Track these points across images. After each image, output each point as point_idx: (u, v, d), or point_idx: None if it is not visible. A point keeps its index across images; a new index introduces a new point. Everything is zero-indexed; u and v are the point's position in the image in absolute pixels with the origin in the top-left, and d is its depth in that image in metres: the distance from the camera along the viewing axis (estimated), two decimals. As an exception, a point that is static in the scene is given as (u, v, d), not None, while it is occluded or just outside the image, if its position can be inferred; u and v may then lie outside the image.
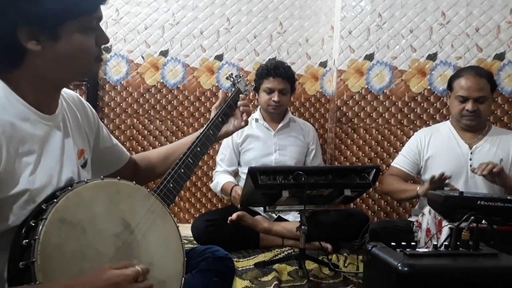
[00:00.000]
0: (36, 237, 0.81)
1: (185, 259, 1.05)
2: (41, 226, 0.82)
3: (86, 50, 0.96)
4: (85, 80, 2.78)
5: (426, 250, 1.03)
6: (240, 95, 1.48)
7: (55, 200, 0.86)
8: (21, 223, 0.86)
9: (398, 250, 1.03)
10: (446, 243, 1.08)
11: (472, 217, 1.07)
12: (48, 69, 0.93)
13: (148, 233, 0.99)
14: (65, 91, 1.08)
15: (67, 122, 1.05)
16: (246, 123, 1.43)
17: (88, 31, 0.95)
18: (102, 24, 2.80)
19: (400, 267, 0.91)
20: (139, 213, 1.00)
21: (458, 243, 1.07)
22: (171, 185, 1.12)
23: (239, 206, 2.27)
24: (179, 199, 2.93)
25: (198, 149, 1.26)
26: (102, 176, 0.99)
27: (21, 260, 0.81)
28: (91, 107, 1.22)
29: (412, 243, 1.05)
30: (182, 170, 1.18)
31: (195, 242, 2.35)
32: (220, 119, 1.40)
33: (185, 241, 2.41)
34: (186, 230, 2.46)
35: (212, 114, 1.43)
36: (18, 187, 0.86)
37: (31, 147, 0.91)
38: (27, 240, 0.82)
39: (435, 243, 1.10)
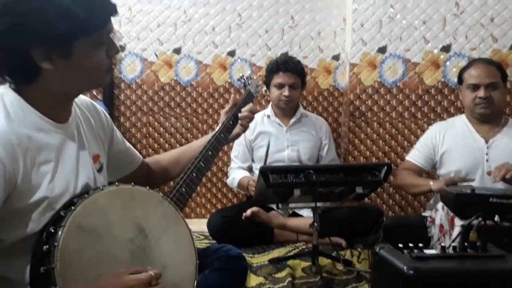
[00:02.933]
0: (56, 243, 0.85)
1: (198, 261, 1.09)
2: (60, 233, 0.86)
3: (98, 64, 0.98)
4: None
5: (433, 252, 1.04)
6: (250, 102, 1.50)
7: (72, 207, 0.90)
8: (41, 229, 0.91)
9: (405, 251, 1.05)
10: (454, 244, 1.09)
11: (480, 218, 1.07)
12: (62, 84, 0.96)
13: (161, 237, 1.03)
14: (78, 97, 1.10)
15: (81, 129, 1.08)
16: (246, 128, 1.46)
17: (99, 46, 0.97)
18: (115, 23, 2.83)
19: (406, 270, 0.93)
20: (153, 218, 1.03)
21: (465, 243, 1.08)
22: (184, 189, 1.15)
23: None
24: (195, 195, 2.98)
25: (210, 152, 1.29)
26: (117, 183, 1.03)
27: (42, 265, 0.85)
28: (104, 111, 1.25)
29: (420, 244, 1.06)
30: (194, 174, 1.21)
31: (211, 237, 2.41)
32: (231, 122, 1.43)
33: (201, 237, 2.48)
34: (202, 225, 2.52)
35: (222, 118, 1.46)
36: (37, 195, 0.90)
37: (47, 156, 0.95)
38: (47, 246, 0.86)
39: (443, 244, 1.11)
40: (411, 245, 1.07)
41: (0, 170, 0.84)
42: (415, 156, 2.33)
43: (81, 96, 1.14)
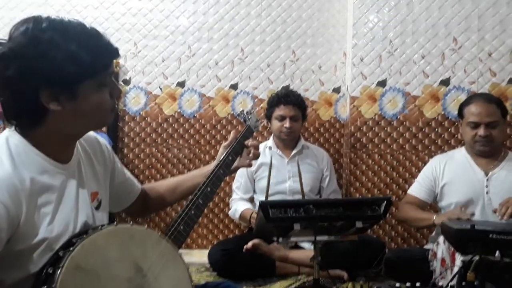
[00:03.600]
0: (53, 285, 0.86)
1: (195, 300, 1.09)
2: (58, 274, 0.87)
3: (102, 105, 1.02)
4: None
5: (430, 292, 1.04)
6: (249, 138, 1.52)
7: (70, 248, 0.92)
8: (40, 270, 0.92)
9: (403, 292, 1.05)
10: (452, 283, 1.09)
11: (478, 257, 1.07)
12: (68, 125, 0.99)
13: (159, 276, 1.04)
14: None
15: (81, 166, 1.10)
16: (250, 165, 1.48)
17: (103, 87, 1.01)
18: (121, 58, 2.92)
19: (401, 312, 0.93)
20: (151, 257, 1.04)
21: (463, 283, 1.07)
22: (182, 227, 1.16)
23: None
24: (197, 225, 2.99)
25: (209, 189, 1.30)
26: (115, 223, 1.05)
27: (40, 306, 0.87)
28: (106, 144, 1.27)
29: (417, 284, 1.06)
30: (193, 212, 1.22)
31: (211, 269, 2.39)
32: (230, 158, 1.44)
33: (203, 269, 2.47)
34: (203, 256, 2.51)
35: (220, 152, 1.48)
36: (38, 237, 0.92)
37: (49, 198, 0.96)
38: (45, 287, 0.88)
39: (441, 283, 1.11)
40: (408, 284, 1.07)
41: (4, 214, 0.86)
42: (417, 189, 2.33)
43: None
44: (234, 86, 2.99)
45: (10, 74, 0.92)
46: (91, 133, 1.21)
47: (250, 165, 1.48)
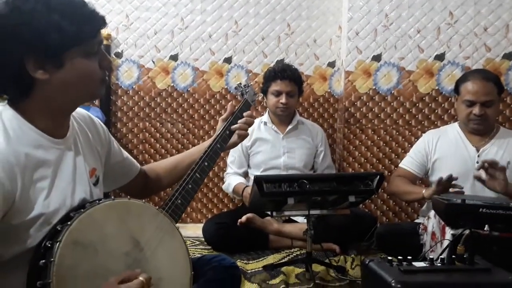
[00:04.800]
0: (52, 259, 0.87)
1: (192, 272, 1.11)
2: (56, 248, 0.88)
3: (90, 74, 1.01)
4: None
5: (422, 264, 1.07)
6: (245, 113, 1.51)
7: (68, 222, 0.93)
8: (38, 244, 0.93)
9: (394, 264, 1.07)
10: (442, 256, 1.12)
11: (468, 231, 1.10)
12: (57, 96, 0.99)
13: (156, 249, 1.05)
14: (76, 110, 1.13)
15: (78, 143, 1.11)
16: (245, 136, 1.48)
17: (91, 56, 1.00)
18: (112, 31, 2.86)
19: (393, 284, 0.96)
20: (148, 231, 1.05)
21: (453, 256, 1.10)
22: (179, 201, 1.18)
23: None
24: (191, 201, 3.00)
25: (206, 163, 1.30)
26: (113, 196, 1.05)
27: (38, 280, 0.87)
28: (101, 123, 1.27)
29: (409, 257, 1.09)
30: (190, 186, 1.23)
31: (206, 243, 2.43)
32: (227, 132, 1.44)
33: (197, 242, 2.50)
34: (198, 230, 2.54)
35: (219, 126, 1.48)
36: (34, 212, 0.92)
37: (44, 173, 0.97)
38: (43, 261, 0.88)
39: (433, 255, 1.14)
40: (400, 257, 1.09)
41: None
42: (409, 163, 2.36)
43: (78, 109, 1.16)
44: (228, 60, 2.96)
45: None
46: (84, 111, 1.21)
47: (245, 136, 1.48)
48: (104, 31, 1.05)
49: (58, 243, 0.89)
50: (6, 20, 0.91)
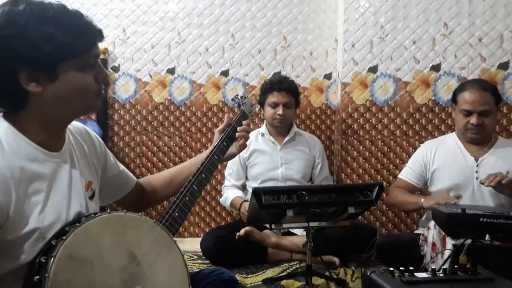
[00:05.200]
0: (46, 274, 0.85)
1: (190, 287, 1.09)
2: (50, 264, 0.86)
3: (85, 87, 1.00)
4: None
5: (424, 275, 1.05)
6: (244, 121, 1.51)
7: (63, 237, 0.91)
8: (33, 259, 0.91)
9: (396, 275, 1.06)
10: (444, 266, 1.10)
11: (470, 240, 1.09)
12: (51, 108, 0.97)
13: (154, 263, 1.03)
14: (72, 123, 1.11)
15: (74, 156, 1.09)
16: (244, 147, 1.47)
17: (86, 69, 0.99)
18: (109, 45, 2.85)
19: (395, 296, 0.94)
20: (145, 245, 1.03)
21: (456, 266, 1.09)
22: (177, 214, 1.16)
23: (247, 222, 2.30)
24: (189, 213, 2.97)
25: (203, 175, 1.29)
26: (109, 210, 1.04)
27: (33, 296, 0.86)
28: (98, 137, 1.26)
29: (411, 268, 1.07)
30: (187, 198, 1.21)
31: (204, 257, 2.40)
32: (224, 143, 1.43)
33: (195, 257, 2.47)
34: (196, 244, 2.51)
35: (216, 137, 1.46)
36: (28, 227, 0.90)
37: (39, 186, 0.95)
38: (38, 277, 0.86)
39: (435, 265, 1.12)
40: (402, 268, 1.08)
41: None
42: (407, 174, 2.35)
43: (74, 122, 1.15)
44: (225, 73, 2.96)
45: None
46: (80, 125, 1.20)
47: (244, 146, 1.47)
48: (101, 45, 1.04)
49: (52, 258, 0.87)
50: (0, 32, 0.90)
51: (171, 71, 2.96)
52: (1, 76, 0.92)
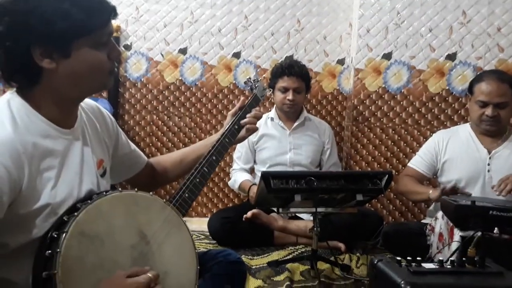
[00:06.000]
0: (58, 249, 0.87)
1: (198, 267, 1.10)
2: (62, 239, 0.88)
3: (98, 65, 1.00)
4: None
5: (431, 266, 1.05)
6: (256, 106, 1.50)
7: (75, 213, 0.92)
8: (44, 234, 0.92)
9: (403, 265, 1.06)
10: (452, 258, 1.10)
11: (479, 233, 1.08)
12: (64, 85, 0.98)
13: (163, 243, 1.04)
14: (84, 101, 1.12)
15: (86, 134, 1.10)
16: (254, 130, 1.47)
17: (99, 46, 0.99)
18: (122, 23, 2.84)
19: (403, 285, 0.94)
20: (155, 224, 1.04)
21: (463, 258, 1.09)
22: (187, 194, 1.16)
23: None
24: (199, 195, 3.00)
25: (214, 157, 1.29)
26: (120, 188, 1.04)
27: (44, 270, 0.87)
28: (109, 115, 1.26)
29: (418, 258, 1.07)
30: (198, 180, 1.21)
31: (210, 237, 2.42)
32: (236, 127, 1.43)
33: (202, 236, 2.50)
34: (203, 224, 2.54)
35: (228, 120, 1.46)
36: (40, 202, 0.92)
37: (51, 163, 0.96)
38: (49, 251, 0.88)
39: (441, 255, 1.12)
40: (409, 258, 1.08)
41: (5, 178, 0.86)
42: (417, 162, 2.33)
43: (87, 100, 1.15)
44: (236, 55, 2.94)
45: (1, 30, 0.91)
46: (93, 102, 1.20)
47: (254, 130, 1.46)
48: (113, 23, 1.03)
49: (64, 234, 0.88)
50: (13, 6, 0.90)
51: (183, 51, 2.94)
52: (15, 51, 0.92)
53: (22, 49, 0.92)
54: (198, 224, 2.68)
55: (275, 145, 2.60)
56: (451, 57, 2.68)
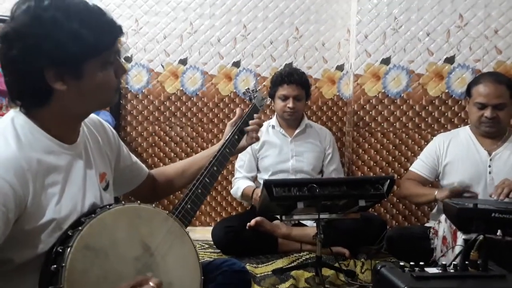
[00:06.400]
0: (63, 264, 0.88)
1: (203, 277, 1.11)
2: (67, 253, 0.89)
3: (107, 84, 1.02)
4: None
5: (434, 270, 1.06)
6: (255, 114, 1.52)
7: (79, 227, 0.93)
8: (49, 249, 0.93)
9: (406, 270, 1.06)
10: (455, 262, 1.10)
11: (481, 237, 1.09)
12: (73, 105, 0.99)
13: (167, 254, 1.05)
14: None
15: (88, 148, 1.11)
16: (257, 139, 1.48)
17: (108, 66, 1.00)
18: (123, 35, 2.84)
19: (405, 291, 0.95)
20: (159, 236, 1.06)
21: (466, 262, 1.09)
22: (189, 205, 1.17)
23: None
24: (201, 205, 3.00)
25: (215, 168, 1.31)
26: (123, 201, 1.06)
27: (50, 285, 0.88)
28: (111, 128, 1.28)
29: (421, 263, 1.07)
30: (200, 190, 1.23)
31: (214, 246, 2.43)
32: (236, 137, 1.44)
33: (206, 245, 2.50)
34: (207, 233, 2.55)
35: (227, 130, 1.48)
36: (46, 218, 0.93)
37: (55, 178, 0.97)
38: (55, 266, 0.89)
39: (445, 260, 1.12)
40: (412, 263, 1.08)
41: (11, 195, 0.87)
42: (419, 166, 2.34)
43: None
44: (236, 64, 2.96)
45: (14, 54, 0.92)
46: (94, 116, 1.21)
47: (257, 139, 1.48)
48: (115, 37, 1.04)
49: (69, 248, 0.89)
50: (27, 30, 0.91)
51: (183, 61, 2.96)
52: (28, 74, 0.93)
53: (34, 72, 0.93)
54: (202, 233, 2.68)
55: (277, 152, 2.61)
56: (450, 60, 2.69)
